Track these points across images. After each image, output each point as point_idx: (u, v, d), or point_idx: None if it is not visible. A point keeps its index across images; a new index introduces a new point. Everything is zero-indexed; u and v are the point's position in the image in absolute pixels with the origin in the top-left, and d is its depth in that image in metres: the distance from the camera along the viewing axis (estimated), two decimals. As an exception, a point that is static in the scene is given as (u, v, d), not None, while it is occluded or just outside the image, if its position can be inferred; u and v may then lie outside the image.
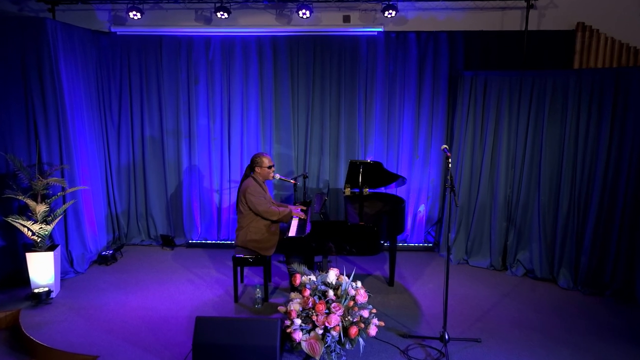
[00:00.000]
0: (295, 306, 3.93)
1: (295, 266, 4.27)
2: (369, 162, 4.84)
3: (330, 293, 3.91)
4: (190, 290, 5.36)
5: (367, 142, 6.60)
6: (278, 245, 5.04)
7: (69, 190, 5.37)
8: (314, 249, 4.58)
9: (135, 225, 6.88)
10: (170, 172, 6.73)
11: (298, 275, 4.04)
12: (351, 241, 4.49)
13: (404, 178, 5.43)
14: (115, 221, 6.83)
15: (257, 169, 5.13)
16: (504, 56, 6.25)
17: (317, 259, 5.47)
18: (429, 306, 5.00)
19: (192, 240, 6.81)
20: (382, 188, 5.84)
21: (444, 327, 4.11)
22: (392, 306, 4.97)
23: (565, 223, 5.43)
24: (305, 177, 5.94)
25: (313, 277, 4.08)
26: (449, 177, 3.98)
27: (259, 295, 4.92)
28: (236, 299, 5.06)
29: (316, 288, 4.00)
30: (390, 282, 5.45)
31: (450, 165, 3.99)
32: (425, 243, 6.79)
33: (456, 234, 6.24)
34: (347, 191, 5.79)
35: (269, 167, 5.14)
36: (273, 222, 5.09)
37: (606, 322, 4.69)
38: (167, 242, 6.74)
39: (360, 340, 3.89)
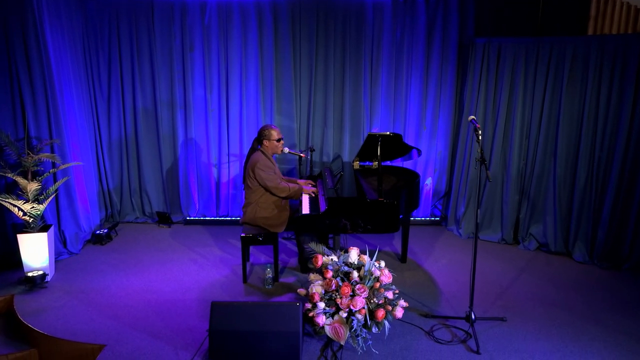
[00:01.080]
0: (317, 289, 3.69)
1: (313, 245, 4.01)
2: (389, 135, 4.56)
3: (355, 274, 3.67)
4: (195, 270, 5.08)
5: (372, 113, 6.31)
6: (289, 223, 4.78)
7: (62, 167, 4.98)
8: (328, 226, 4.32)
9: (129, 202, 6.53)
10: (165, 146, 6.35)
11: (320, 256, 3.79)
12: (370, 218, 4.24)
13: (420, 150, 5.18)
14: (108, 198, 6.46)
15: (265, 142, 4.81)
16: (516, 23, 5.97)
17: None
18: (446, 283, 4.82)
19: (190, 217, 6.50)
20: (388, 161, 5.58)
21: (471, 306, 3.93)
22: (408, 284, 4.78)
23: (582, 196, 5.27)
24: (312, 150, 5.64)
25: (335, 258, 3.83)
26: (479, 150, 3.73)
27: (270, 275, 4.67)
28: (245, 279, 4.80)
29: (338, 269, 3.76)
30: (403, 258, 5.25)
31: (480, 137, 3.74)
32: (432, 217, 6.60)
33: (465, 207, 6.05)
34: (356, 164, 5.52)
35: (278, 140, 4.83)
36: (282, 198, 4.81)
37: (627, 297, 4.57)
38: (163, 219, 6.41)
39: (386, 322, 3.68)
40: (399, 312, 3.70)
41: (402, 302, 3.73)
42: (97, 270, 5.05)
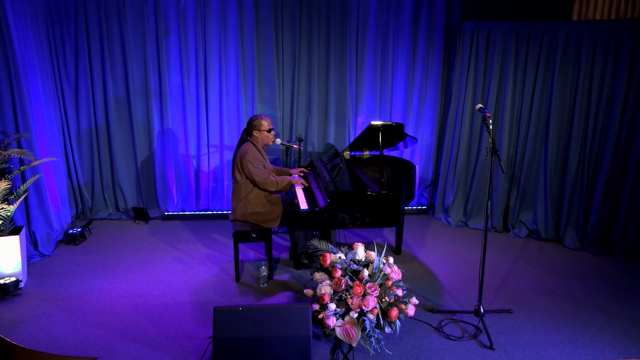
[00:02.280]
0: (326, 289, 3.49)
1: (315, 242, 3.80)
2: (392, 125, 4.36)
3: (365, 273, 3.49)
4: (182, 270, 4.78)
5: (358, 101, 6.10)
6: (285, 218, 4.54)
7: (34, 163, 4.55)
8: (326, 221, 4.11)
9: (101, 198, 6.11)
10: (140, 137, 5.95)
11: (327, 255, 3.58)
12: (372, 212, 4.07)
13: (416, 139, 5.03)
14: (78, 194, 6.02)
15: (255, 133, 4.53)
16: (503, 7, 5.87)
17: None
18: (445, 275, 4.72)
19: (168, 211, 6.14)
20: (376, 151, 5.41)
21: (479, 300, 3.82)
22: (407, 277, 4.62)
23: (574, 182, 5.26)
24: (300, 140, 5.39)
25: (342, 256, 3.64)
26: (490, 141, 3.60)
27: (264, 273, 4.44)
28: (237, 278, 4.55)
29: (347, 268, 3.57)
30: (398, 250, 5.11)
31: (491, 126, 3.60)
32: (418, 206, 6.49)
33: (454, 195, 5.96)
34: (346, 154, 5.33)
35: (269, 131, 4.55)
36: (271, 192, 4.55)
37: (624, 282, 4.59)
38: (139, 215, 6.03)
39: (397, 321, 3.53)
40: (410, 310, 3.55)
41: (414, 300, 3.59)
42: (75, 274, 4.67)
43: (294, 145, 5.05)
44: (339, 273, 3.51)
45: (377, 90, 6.07)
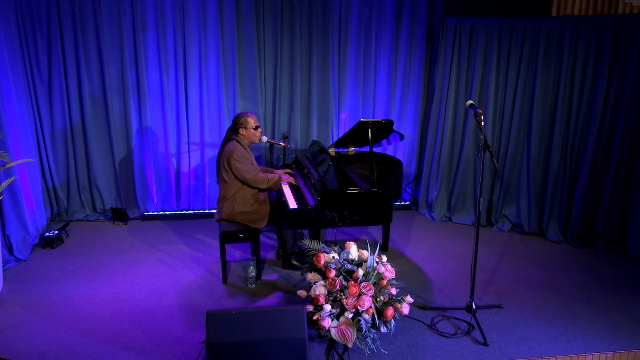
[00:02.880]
0: (321, 290, 3.43)
1: (308, 242, 3.74)
2: (382, 122, 4.32)
3: (360, 272, 3.45)
4: (166, 272, 4.65)
5: (341, 97, 6.04)
6: (273, 218, 4.47)
7: (9, 165, 4.34)
8: (315, 220, 4.05)
9: (78, 199, 5.90)
10: (118, 136, 5.77)
11: (322, 255, 3.52)
12: (363, 210, 4.03)
13: (403, 136, 5.01)
14: (53, 195, 5.80)
15: (242, 131, 4.43)
16: (485, 1, 5.88)
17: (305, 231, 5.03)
18: (434, 272, 4.72)
19: (148, 212, 5.98)
20: (359, 148, 5.37)
21: (472, 297, 3.83)
22: (397, 275, 4.54)
23: (557, 176, 5.32)
24: (285, 137, 5.30)
25: (336, 256, 3.59)
26: (482, 137, 3.59)
27: (253, 274, 4.35)
28: (225, 279, 4.45)
29: (341, 268, 3.52)
30: (385, 247, 5.09)
31: (482, 123, 3.59)
32: (401, 201, 6.49)
33: (438, 191, 5.97)
34: (332, 151, 5.27)
35: (256, 129, 4.46)
36: (261, 190, 4.48)
37: (606, 274, 4.67)
38: (118, 216, 5.86)
39: (393, 321, 3.50)
40: (405, 309, 3.53)
41: (408, 298, 3.56)
42: (54, 279, 4.50)
43: (281, 143, 4.97)
44: (333, 273, 3.46)
45: (360, 86, 6.03)
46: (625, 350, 3.50)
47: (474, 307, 3.81)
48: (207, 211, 6.08)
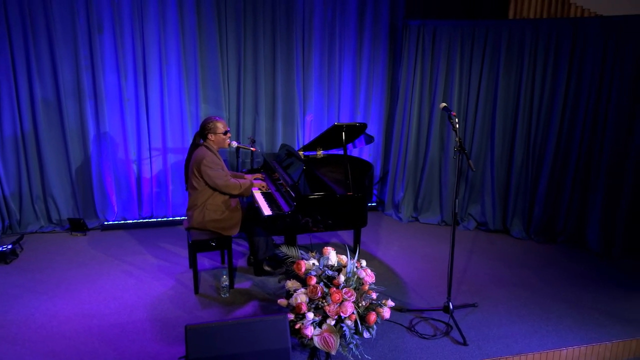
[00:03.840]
0: (302, 297, 3.37)
1: (285, 249, 3.67)
2: (356, 125, 4.29)
3: (342, 278, 3.41)
4: (133, 284, 4.46)
5: (305, 99, 6.00)
6: (246, 224, 4.37)
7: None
8: (288, 225, 3.98)
9: (31, 210, 5.57)
10: (73, 142, 5.49)
11: (302, 262, 3.45)
12: (339, 214, 4.00)
13: (373, 138, 5.02)
14: (4, 206, 5.46)
15: (211, 136, 4.30)
16: (446, 4, 5.99)
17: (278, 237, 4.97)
18: (406, 273, 4.75)
19: (108, 221, 5.73)
20: (327, 151, 5.35)
21: (448, 297, 3.87)
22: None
23: (519, 175, 5.48)
24: (252, 141, 5.20)
25: (315, 262, 3.53)
26: (457, 139, 3.63)
27: (226, 282, 4.24)
28: (196, 289, 4.32)
29: (321, 274, 3.47)
30: (355, 249, 5.07)
31: (457, 124, 3.63)
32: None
33: (404, 191, 6.03)
34: (300, 155, 5.21)
35: (225, 133, 4.34)
36: (232, 196, 4.36)
37: (571, 269, 4.85)
38: (76, 226, 5.58)
39: (374, 325, 3.49)
40: (386, 313, 3.51)
41: (389, 302, 3.55)
42: (11, 296, 4.22)
43: (251, 148, 4.87)
44: (314, 280, 3.41)
45: (324, 88, 6.00)
46: (596, 342, 3.63)
47: (451, 307, 3.85)
48: (171, 218, 5.89)
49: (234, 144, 4.58)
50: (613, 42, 4.82)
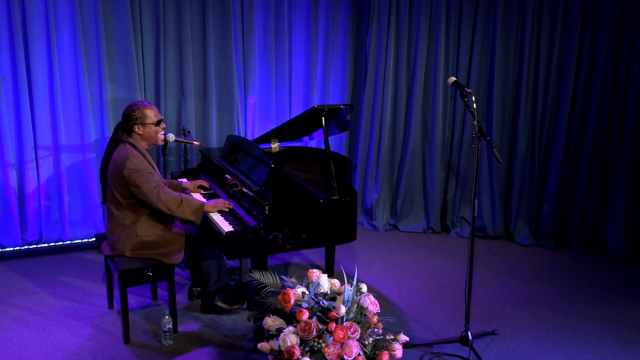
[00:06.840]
0: (292, 339, 3.25)
1: (257, 275, 3.53)
2: (340, 107, 4.18)
3: (342, 310, 3.33)
4: (33, 336, 4.10)
5: (247, 76, 5.90)
6: (190, 246, 4.18)
7: None
8: (256, 245, 3.84)
9: None
10: None
11: (291, 292, 3.33)
12: (324, 225, 3.93)
13: (349, 124, 5.00)
14: None
15: (138, 129, 4.02)
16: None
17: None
18: (399, 297, 4.76)
19: (-24, 251, 5.30)
20: (290, 142, 5.29)
21: (467, 324, 3.90)
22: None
23: (523, 166, 5.66)
24: (187, 132, 4.99)
25: (304, 290, 3.43)
26: (475, 123, 3.66)
27: (169, 325, 4.02)
28: (127, 338, 4.06)
29: (314, 306, 3.37)
30: (329, 270, 5.03)
31: (474, 105, 3.66)
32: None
33: (379, 192, 6.06)
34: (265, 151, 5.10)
35: (157, 124, 4.09)
36: (168, 214, 4.07)
37: (593, 278, 5.10)
38: None
39: (385, 368, 3.44)
40: (399, 352, 3.48)
41: (402, 337, 3.52)
42: None
43: (195, 142, 4.65)
44: (305, 315, 3.29)
45: (271, 60, 5.92)
46: (646, 366, 3.82)
47: (470, 337, 3.89)
48: (69, 242, 5.54)
49: (171, 137, 4.35)
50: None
